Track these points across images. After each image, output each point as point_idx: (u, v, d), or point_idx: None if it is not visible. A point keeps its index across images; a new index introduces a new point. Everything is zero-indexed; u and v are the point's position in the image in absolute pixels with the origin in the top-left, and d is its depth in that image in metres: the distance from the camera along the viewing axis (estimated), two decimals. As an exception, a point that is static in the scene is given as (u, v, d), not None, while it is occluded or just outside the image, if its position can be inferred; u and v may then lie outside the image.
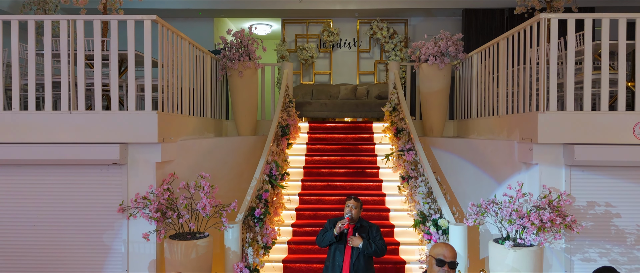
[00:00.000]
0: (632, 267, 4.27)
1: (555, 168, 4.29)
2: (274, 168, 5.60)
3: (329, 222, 4.16)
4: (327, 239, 4.02)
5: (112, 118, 4.26)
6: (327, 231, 4.08)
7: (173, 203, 4.28)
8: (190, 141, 5.06)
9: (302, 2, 8.87)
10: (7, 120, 4.24)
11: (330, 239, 4.01)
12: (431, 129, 6.88)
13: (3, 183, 4.36)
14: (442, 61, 6.47)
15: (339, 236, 3.99)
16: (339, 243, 4.02)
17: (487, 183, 5.17)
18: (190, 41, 5.32)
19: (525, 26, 4.57)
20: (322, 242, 4.08)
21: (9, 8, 7.31)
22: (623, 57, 4.21)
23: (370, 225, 4.15)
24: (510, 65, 5.05)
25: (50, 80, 4.32)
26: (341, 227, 3.94)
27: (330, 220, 4.18)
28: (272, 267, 4.99)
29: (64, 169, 4.35)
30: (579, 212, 4.26)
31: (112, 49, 4.31)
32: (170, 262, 4.22)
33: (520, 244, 4.02)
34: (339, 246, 4.02)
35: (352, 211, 4.03)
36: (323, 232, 4.12)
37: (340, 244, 4.01)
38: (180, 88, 5.02)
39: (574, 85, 4.38)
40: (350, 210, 4.04)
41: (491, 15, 8.68)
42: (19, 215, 4.36)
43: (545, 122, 4.17)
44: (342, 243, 4.01)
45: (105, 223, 4.38)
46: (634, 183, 4.28)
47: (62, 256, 4.36)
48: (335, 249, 4.03)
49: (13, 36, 4.32)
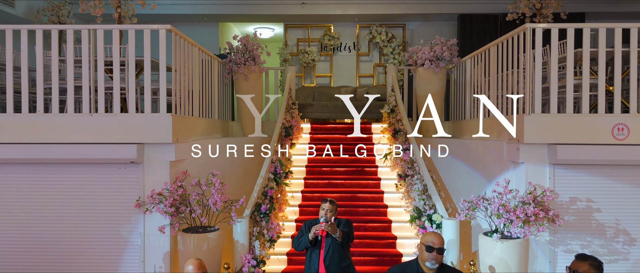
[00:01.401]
0: (612, 258, 4.60)
1: (540, 166, 4.62)
2: (279, 166, 5.95)
3: (305, 225, 4.18)
4: (303, 244, 4.06)
5: (129, 120, 4.59)
6: (303, 236, 4.10)
7: (186, 199, 4.61)
8: (201, 141, 5.39)
9: (304, 8, 9.21)
10: (32, 122, 4.57)
11: (306, 244, 4.04)
12: (427, 130, 7.21)
13: (29, 181, 4.69)
14: (437, 65, 6.81)
15: (314, 241, 4.02)
16: (314, 247, 4.05)
17: (479, 180, 5.50)
18: (200, 47, 5.66)
19: (513, 34, 4.91)
20: (298, 246, 4.12)
21: (24, 15, 7.64)
22: (603, 63, 4.55)
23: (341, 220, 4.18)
24: (500, 70, 5.39)
25: (72, 85, 4.66)
26: (315, 232, 3.96)
27: (306, 223, 4.20)
28: (277, 259, 5.33)
29: (85, 167, 4.68)
30: (562, 207, 4.60)
31: (130, 55, 4.65)
32: (183, 253, 4.55)
33: (507, 236, 4.35)
34: (315, 250, 4.05)
35: (327, 214, 4.01)
36: (299, 236, 4.15)
37: (315, 248, 4.05)
38: (191, 92, 5.36)
39: (558, 89, 4.71)
40: (325, 214, 4.01)
41: (485, 21, 9.03)
42: (44, 209, 4.68)
43: (531, 123, 4.50)
44: (317, 248, 4.04)
45: (123, 217, 4.70)
46: (613, 180, 4.60)
47: (83, 248, 4.69)
48: (311, 252, 4.08)
49: (38, 43, 4.65)
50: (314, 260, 4.03)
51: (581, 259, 3.07)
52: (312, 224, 4.10)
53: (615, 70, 4.56)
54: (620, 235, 4.59)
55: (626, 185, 4.59)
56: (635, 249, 4.57)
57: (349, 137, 7.34)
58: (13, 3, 7.36)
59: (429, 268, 3.03)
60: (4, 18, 7.54)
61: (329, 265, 3.99)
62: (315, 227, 3.98)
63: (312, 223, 4.12)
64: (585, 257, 3.07)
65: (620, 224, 4.59)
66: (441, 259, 3.05)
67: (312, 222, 4.16)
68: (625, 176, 4.59)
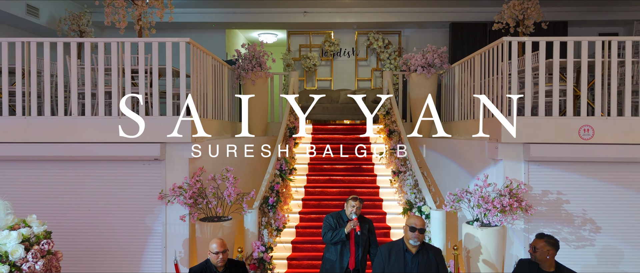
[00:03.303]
0: (579, 244, 5.20)
1: (516, 163, 5.21)
2: (284, 163, 6.56)
3: (331, 218, 4.42)
4: (339, 236, 4.29)
5: (153, 122, 5.19)
6: (335, 230, 4.34)
7: (203, 191, 5.20)
8: (214, 141, 5.99)
9: (306, 16, 9.81)
10: (68, 123, 5.17)
11: (342, 237, 4.28)
12: (420, 130, 7.82)
13: (66, 176, 5.27)
14: (428, 71, 7.41)
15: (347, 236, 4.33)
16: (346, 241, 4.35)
17: (464, 176, 6.11)
18: (213, 56, 6.27)
19: (493, 46, 5.52)
20: (332, 239, 4.32)
21: (47, 23, 8.25)
22: (571, 72, 5.15)
23: (367, 219, 4.57)
24: (483, 76, 5.99)
25: (103, 90, 5.27)
26: (353, 227, 4.26)
27: (331, 216, 4.44)
28: (283, 246, 5.93)
29: (114, 164, 5.27)
30: (535, 199, 5.20)
31: (154, 64, 5.25)
32: (200, 240, 5.15)
33: (486, 225, 4.96)
34: (346, 243, 4.34)
35: (357, 211, 4.36)
36: (331, 229, 4.35)
37: (346, 241, 4.35)
38: (205, 95, 5.96)
39: (532, 95, 5.32)
40: (355, 210, 4.34)
41: (475, 28, 9.63)
42: (78, 201, 5.26)
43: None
44: (347, 241, 4.34)
45: (148, 208, 5.29)
46: (581, 175, 5.19)
47: (112, 235, 5.27)
48: (342, 246, 4.34)
49: (72, 54, 5.26)
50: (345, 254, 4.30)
51: (539, 237, 3.67)
52: (337, 217, 4.40)
53: (582, 78, 5.17)
54: (587, 224, 5.19)
55: (592, 180, 5.18)
56: (601, 236, 5.17)
57: (348, 137, 7.96)
58: (37, 13, 7.96)
59: (412, 245, 3.64)
60: (30, 27, 8.15)
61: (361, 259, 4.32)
62: (352, 223, 4.26)
63: (338, 217, 4.41)
64: (543, 236, 3.68)
65: (587, 214, 5.18)
66: (422, 238, 3.65)
67: (336, 215, 4.44)
68: (591, 172, 5.18)
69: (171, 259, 5.18)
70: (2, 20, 7.70)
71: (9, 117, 5.23)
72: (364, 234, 4.36)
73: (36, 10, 7.93)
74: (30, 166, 5.23)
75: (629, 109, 5.11)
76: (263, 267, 5.35)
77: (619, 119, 5.07)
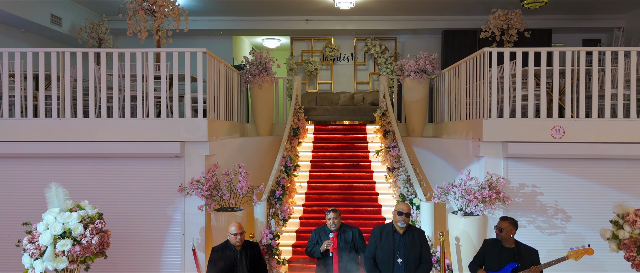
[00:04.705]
0: (552, 231, 5.84)
1: (496, 159, 5.85)
2: (289, 160, 7.22)
3: (315, 233, 4.64)
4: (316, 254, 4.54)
5: (174, 123, 5.84)
6: (315, 245, 4.53)
7: (218, 185, 5.85)
8: (226, 140, 6.65)
9: (308, 23, 10.47)
10: (99, 125, 5.83)
11: (318, 255, 4.50)
12: (413, 131, 8.50)
13: (98, 171, 5.87)
14: (421, 76, 8.07)
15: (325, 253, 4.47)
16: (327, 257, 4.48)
17: (452, 171, 6.76)
18: (225, 64, 6.93)
19: (476, 55, 6.18)
20: (311, 254, 4.59)
21: (69, 31, 8.91)
22: (544, 79, 5.81)
23: (352, 230, 4.63)
24: (469, 82, 6.65)
25: (129, 94, 5.93)
26: (327, 248, 4.39)
27: (315, 231, 4.67)
28: (288, 235, 6.59)
29: (139, 160, 5.90)
30: (513, 191, 5.85)
31: (174, 71, 5.92)
32: (215, 228, 5.80)
33: (469, 214, 5.61)
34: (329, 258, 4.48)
35: (334, 222, 4.48)
36: (312, 245, 4.57)
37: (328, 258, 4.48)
38: (218, 99, 6.62)
39: (511, 99, 5.97)
40: (332, 222, 4.45)
41: (465, 35, 10.29)
42: (107, 193, 5.88)
43: (488, 126, 5.75)
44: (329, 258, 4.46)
45: (168, 199, 5.92)
46: (553, 170, 5.82)
47: (138, 223, 5.89)
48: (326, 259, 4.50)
49: (102, 63, 5.93)
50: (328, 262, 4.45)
51: (504, 219, 4.33)
52: (321, 231, 4.60)
53: (554, 84, 5.81)
54: (559, 213, 5.83)
55: (563, 174, 5.82)
56: (570, 224, 5.81)
57: (347, 136, 8.63)
58: (60, 22, 8.62)
59: (399, 227, 4.29)
60: (53, 35, 8.82)
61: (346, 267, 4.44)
62: (327, 243, 4.41)
63: (320, 231, 4.62)
64: (506, 218, 4.33)
65: (558, 205, 5.82)
66: (408, 220, 4.29)
67: (320, 230, 4.65)
68: (563, 167, 5.81)
69: (189, 245, 5.82)
70: (28, 28, 8.37)
71: (46, 118, 5.88)
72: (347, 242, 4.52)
73: (59, 20, 8.60)
74: (66, 162, 5.87)
75: (596, 112, 5.76)
76: (271, 252, 6.00)
77: (587, 120, 5.71)
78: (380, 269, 4.21)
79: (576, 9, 9.41)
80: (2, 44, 7.85)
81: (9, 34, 8.12)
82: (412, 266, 4.18)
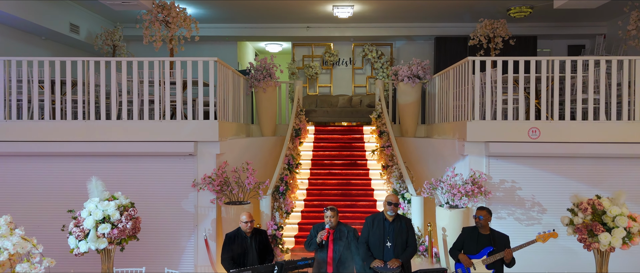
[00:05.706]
0: (529, 222, 6.44)
1: (479, 158, 6.46)
2: (291, 159, 7.84)
3: (314, 230, 4.95)
4: (313, 247, 4.88)
5: (188, 124, 6.46)
6: (312, 238, 4.85)
7: (227, 181, 6.47)
8: (234, 140, 7.27)
9: (308, 30, 11.10)
10: (121, 126, 6.44)
11: (315, 247, 4.84)
12: (407, 131, 9.13)
13: (119, 168, 6.48)
14: (413, 81, 8.70)
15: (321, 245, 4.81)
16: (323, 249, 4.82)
17: (441, 169, 7.37)
18: (233, 70, 7.55)
19: (462, 63, 6.81)
20: (308, 248, 4.92)
21: (85, 39, 9.54)
22: (522, 85, 6.43)
23: (348, 229, 4.91)
24: (455, 87, 7.27)
25: (147, 98, 6.56)
26: (321, 238, 4.76)
27: (314, 228, 4.96)
28: (291, 227, 7.21)
29: (156, 158, 6.52)
30: (494, 186, 6.46)
31: (188, 77, 6.55)
32: (225, 220, 6.42)
33: (454, 207, 6.23)
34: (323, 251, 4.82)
35: (331, 220, 4.80)
36: (310, 238, 4.89)
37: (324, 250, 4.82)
38: (227, 102, 7.24)
39: (492, 102, 6.60)
40: (329, 220, 4.77)
41: (456, 42, 10.90)
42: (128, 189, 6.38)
43: (472, 127, 6.37)
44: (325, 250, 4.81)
45: (183, 194, 6.53)
46: (531, 167, 6.44)
47: (155, 215, 6.46)
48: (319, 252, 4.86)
49: (123, 70, 6.55)
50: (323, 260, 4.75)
51: (481, 209, 4.95)
52: (319, 228, 4.89)
53: (531, 89, 6.43)
54: (535, 206, 6.45)
55: (540, 171, 6.42)
56: (546, 216, 6.41)
57: (346, 137, 9.25)
58: (78, 30, 9.25)
59: (389, 215, 4.91)
60: (71, 42, 9.44)
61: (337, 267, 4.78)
62: (321, 233, 4.74)
63: (319, 228, 4.90)
64: (483, 207, 4.95)
65: (535, 198, 6.44)
66: (396, 210, 4.91)
67: (319, 226, 4.94)
68: (539, 165, 6.43)
69: (201, 235, 6.46)
70: (49, 36, 8.99)
71: (72, 121, 6.50)
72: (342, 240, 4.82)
73: (77, 28, 9.22)
74: (91, 160, 6.49)
75: (569, 114, 6.38)
76: (276, 242, 6.62)
77: (561, 122, 6.32)
78: (372, 252, 4.83)
79: (560, 17, 10.01)
80: (24, 50, 8.47)
81: (30, 41, 8.75)
82: (399, 249, 4.81)
